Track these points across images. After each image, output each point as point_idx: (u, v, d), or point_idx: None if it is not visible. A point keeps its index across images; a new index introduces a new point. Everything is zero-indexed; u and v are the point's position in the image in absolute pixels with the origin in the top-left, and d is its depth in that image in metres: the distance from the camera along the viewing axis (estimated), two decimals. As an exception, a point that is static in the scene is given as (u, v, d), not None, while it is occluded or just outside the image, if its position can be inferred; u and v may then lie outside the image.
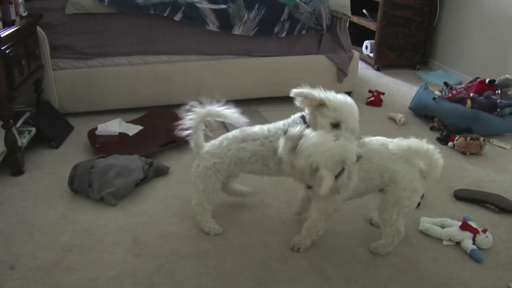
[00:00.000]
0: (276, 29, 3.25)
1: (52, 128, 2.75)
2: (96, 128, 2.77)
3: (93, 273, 1.71)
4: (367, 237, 1.96)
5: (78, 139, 2.78)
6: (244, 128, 1.87)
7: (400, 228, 1.79)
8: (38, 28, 2.79)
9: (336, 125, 1.67)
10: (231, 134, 1.89)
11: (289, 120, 1.86)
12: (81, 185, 2.18)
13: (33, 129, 2.62)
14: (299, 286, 1.69)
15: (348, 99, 1.72)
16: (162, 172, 2.41)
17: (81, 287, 1.65)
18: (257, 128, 1.87)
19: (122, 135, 2.74)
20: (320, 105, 1.68)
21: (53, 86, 2.96)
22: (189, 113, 1.82)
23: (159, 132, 2.81)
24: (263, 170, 1.88)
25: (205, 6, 3.08)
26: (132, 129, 2.81)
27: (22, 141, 2.47)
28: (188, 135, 1.85)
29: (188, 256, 1.82)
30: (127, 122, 2.92)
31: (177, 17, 3.05)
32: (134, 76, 3.11)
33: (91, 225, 1.99)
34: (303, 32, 3.32)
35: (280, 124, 1.86)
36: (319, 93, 1.70)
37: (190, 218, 2.05)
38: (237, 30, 3.18)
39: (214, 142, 1.90)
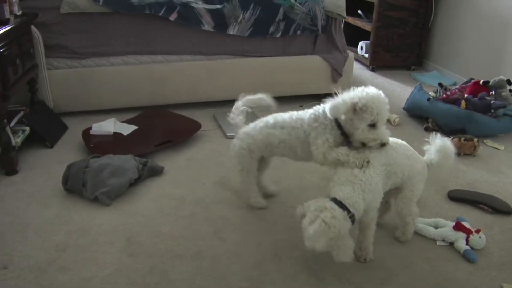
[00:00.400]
0: (271, 30, 3.25)
1: (46, 128, 2.74)
2: (90, 128, 2.76)
3: (87, 273, 1.71)
4: (361, 237, 1.96)
5: (72, 139, 2.77)
6: (276, 114, 1.99)
7: (415, 210, 1.88)
8: (33, 27, 2.78)
9: (372, 125, 1.71)
10: (265, 119, 2.02)
11: (312, 113, 1.87)
12: (75, 184, 2.17)
13: (27, 128, 2.60)
14: (292, 286, 1.69)
15: (380, 95, 1.74)
16: (156, 172, 2.40)
17: (75, 287, 1.65)
18: (287, 116, 1.95)
19: (117, 135, 2.74)
20: (358, 108, 1.71)
21: (48, 85, 2.95)
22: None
23: (154, 132, 2.80)
24: (292, 155, 1.97)
25: (200, 6, 3.08)
26: (127, 129, 2.81)
27: (16, 140, 2.46)
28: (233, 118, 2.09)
29: (182, 256, 1.82)
30: (122, 122, 2.91)
31: (172, 17, 3.04)
32: (129, 76, 3.11)
33: (85, 224, 1.99)
34: (298, 32, 3.32)
35: (306, 116, 1.89)
36: (358, 98, 1.70)
37: (184, 218, 2.05)
38: (232, 30, 3.18)
39: (251, 124, 2.05)
